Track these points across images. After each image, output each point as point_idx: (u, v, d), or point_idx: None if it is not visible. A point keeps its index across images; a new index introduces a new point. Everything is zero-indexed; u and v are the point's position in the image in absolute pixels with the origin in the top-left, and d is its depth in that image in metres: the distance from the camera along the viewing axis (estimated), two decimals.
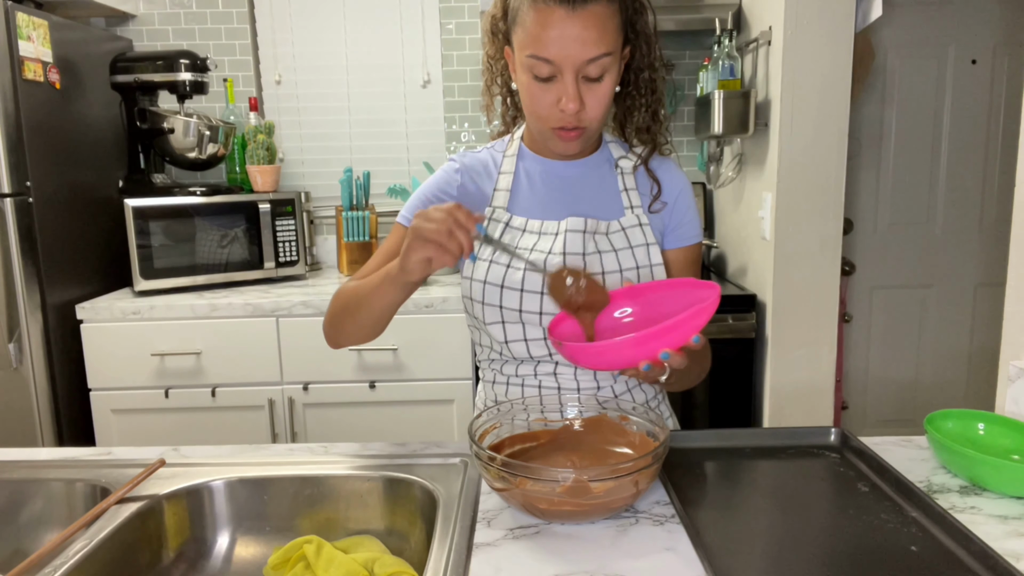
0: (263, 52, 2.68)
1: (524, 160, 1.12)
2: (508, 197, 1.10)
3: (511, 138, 1.15)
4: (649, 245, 1.08)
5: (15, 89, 1.94)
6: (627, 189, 1.10)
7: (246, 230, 2.32)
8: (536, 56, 0.94)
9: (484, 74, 1.13)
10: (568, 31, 0.91)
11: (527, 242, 1.06)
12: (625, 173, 1.11)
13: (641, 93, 1.07)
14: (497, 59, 1.09)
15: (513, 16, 0.98)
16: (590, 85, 0.96)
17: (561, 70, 0.94)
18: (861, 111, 2.79)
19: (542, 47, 0.93)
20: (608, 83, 0.97)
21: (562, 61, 0.93)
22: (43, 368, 2.05)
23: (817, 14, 1.91)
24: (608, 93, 0.98)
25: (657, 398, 1.17)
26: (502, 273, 1.04)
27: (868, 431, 2.97)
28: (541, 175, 1.11)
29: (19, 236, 1.98)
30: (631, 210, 1.09)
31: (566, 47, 0.92)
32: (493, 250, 1.06)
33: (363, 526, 0.98)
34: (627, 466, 0.78)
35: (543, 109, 0.98)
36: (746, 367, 2.18)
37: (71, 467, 1.02)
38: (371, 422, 2.16)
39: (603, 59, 0.94)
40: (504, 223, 1.08)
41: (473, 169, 1.13)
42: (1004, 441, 0.96)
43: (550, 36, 0.92)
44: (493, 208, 1.09)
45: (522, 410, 0.99)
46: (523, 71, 0.98)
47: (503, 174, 1.11)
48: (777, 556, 0.76)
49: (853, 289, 2.92)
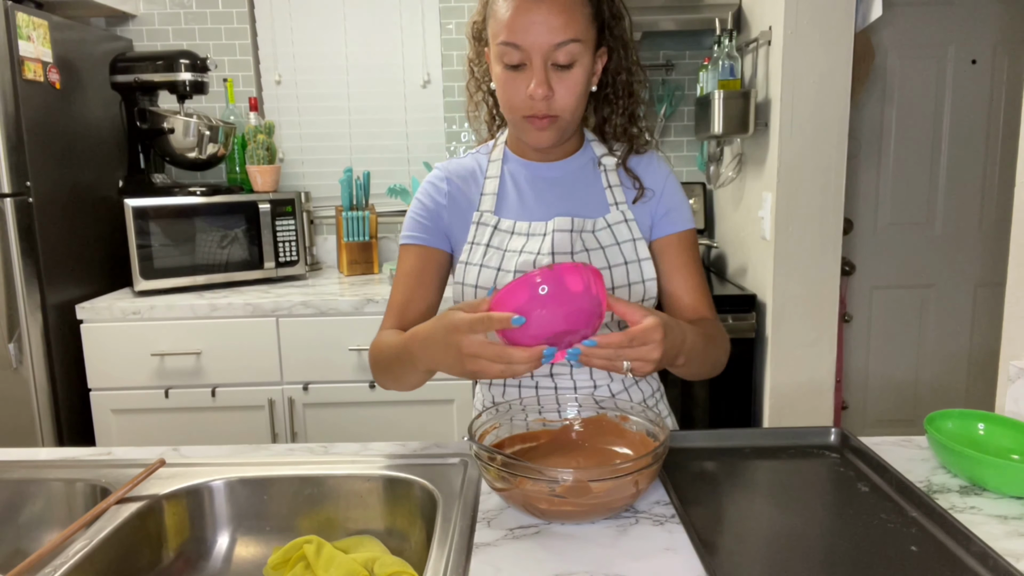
0: (263, 52, 2.68)
1: (508, 163, 1.13)
2: (495, 201, 1.11)
3: (495, 143, 1.16)
4: (636, 240, 1.08)
5: (15, 89, 1.94)
6: (611, 186, 1.11)
7: (246, 230, 2.32)
8: (506, 42, 0.97)
9: (468, 81, 1.16)
10: (535, 16, 0.94)
11: (516, 244, 1.07)
12: (608, 170, 1.12)
13: (619, 96, 1.10)
14: (478, 63, 1.12)
15: (488, 12, 1.01)
16: (560, 73, 0.98)
17: (530, 56, 0.96)
18: (861, 111, 2.79)
19: (511, 33, 0.96)
20: (578, 72, 0.99)
21: (530, 46, 0.95)
22: (43, 368, 2.05)
23: (817, 14, 1.91)
24: (579, 83, 0.99)
25: (655, 396, 1.17)
26: (492, 276, 1.05)
27: (868, 431, 2.97)
28: (526, 177, 1.12)
29: (19, 236, 1.98)
30: (616, 207, 1.10)
31: (533, 32, 0.95)
32: (483, 253, 1.07)
33: (363, 526, 0.98)
34: (627, 466, 0.78)
35: (514, 98, 1.00)
36: (746, 367, 2.18)
37: (71, 467, 1.02)
38: (371, 422, 2.16)
39: (570, 45, 0.96)
40: (492, 227, 1.09)
41: (459, 175, 1.14)
42: (1004, 441, 0.96)
43: (518, 22, 0.95)
44: (481, 212, 1.10)
45: (521, 410, 0.99)
46: (496, 62, 1.01)
47: (489, 178, 1.12)
48: (777, 556, 0.76)
49: (853, 289, 2.92)
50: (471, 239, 1.09)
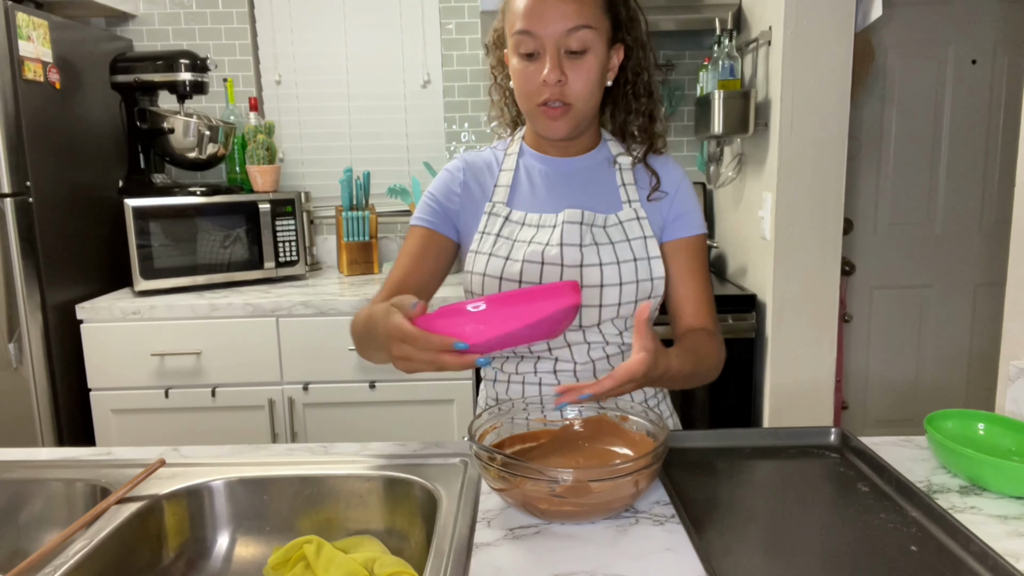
0: (263, 52, 2.68)
1: (524, 157, 1.15)
2: (508, 193, 1.12)
3: (512, 139, 1.18)
4: (647, 238, 1.09)
5: (15, 89, 1.94)
6: (625, 184, 1.12)
7: (246, 230, 2.32)
8: (520, 31, 1.00)
9: (490, 87, 1.19)
10: (548, 4, 0.98)
11: (525, 235, 1.08)
12: (624, 169, 1.13)
13: (639, 96, 1.12)
14: (500, 69, 1.14)
15: (506, 10, 1.05)
16: (572, 60, 1.00)
17: (543, 43, 0.99)
18: (861, 111, 2.79)
19: (524, 21, 0.99)
20: (591, 60, 1.01)
21: (542, 33, 0.98)
22: (43, 368, 2.05)
23: (817, 14, 1.91)
24: (592, 70, 1.01)
25: (657, 397, 1.17)
26: (500, 266, 1.06)
27: (868, 431, 2.97)
28: (541, 172, 1.13)
29: (19, 236, 1.98)
30: (629, 204, 1.11)
31: (545, 18, 0.98)
32: (493, 243, 1.08)
33: (363, 526, 0.98)
34: (627, 466, 0.78)
35: (529, 86, 1.02)
36: (746, 367, 2.18)
37: (71, 467, 1.02)
38: (371, 422, 2.16)
39: (582, 31, 0.98)
40: (503, 217, 1.10)
41: (476, 167, 1.16)
42: (1004, 441, 0.96)
43: (532, 10, 0.99)
44: (493, 203, 1.11)
45: (522, 410, 0.99)
46: (512, 53, 1.03)
47: (504, 171, 1.14)
48: (777, 556, 0.76)
49: (853, 289, 2.92)
50: (482, 228, 1.10)
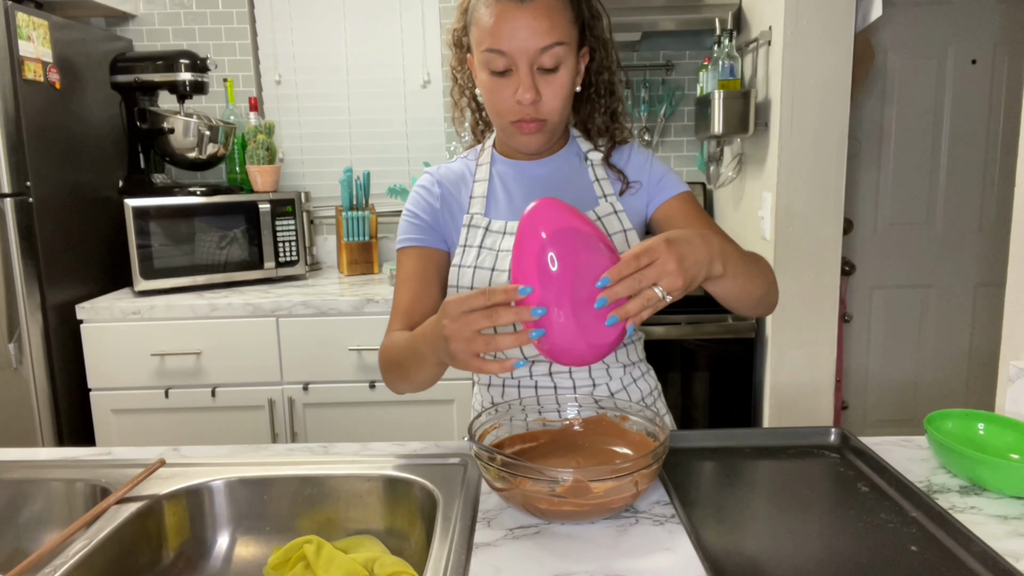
0: (263, 52, 2.68)
1: (496, 165, 1.14)
2: (484, 203, 1.11)
3: (483, 147, 1.17)
4: (626, 231, 1.09)
5: (15, 89, 1.94)
6: (599, 179, 1.12)
7: (246, 230, 2.32)
8: (491, 49, 0.96)
9: (451, 88, 1.16)
10: (519, 22, 0.94)
11: (508, 244, 1.07)
12: (595, 164, 1.13)
13: (600, 95, 1.11)
14: (460, 70, 1.12)
15: (469, 19, 1.01)
16: (545, 76, 0.98)
17: (516, 62, 0.96)
18: (861, 111, 2.79)
19: (495, 40, 0.95)
20: (564, 75, 0.99)
21: (515, 52, 0.95)
22: (43, 368, 2.05)
23: (817, 14, 1.91)
24: (565, 85, 1.00)
25: (653, 395, 1.17)
26: (487, 277, 1.05)
27: (868, 431, 2.97)
28: (514, 177, 1.12)
29: (19, 236, 1.98)
30: (605, 199, 1.11)
31: (518, 37, 0.95)
32: (476, 255, 1.07)
33: (363, 526, 0.98)
34: (627, 466, 0.78)
35: (502, 103, 1.00)
36: (746, 367, 2.18)
37: (71, 467, 1.02)
38: (371, 422, 2.16)
39: (555, 48, 0.96)
40: (483, 228, 1.09)
41: (449, 179, 1.15)
42: (1004, 441, 0.96)
43: (502, 29, 0.95)
44: (471, 215, 1.10)
45: (521, 410, 0.99)
46: (481, 69, 1.00)
47: (478, 182, 1.13)
48: (777, 556, 0.75)
49: (853, 289, 2.92)
50: (463, 242, 1.09)
